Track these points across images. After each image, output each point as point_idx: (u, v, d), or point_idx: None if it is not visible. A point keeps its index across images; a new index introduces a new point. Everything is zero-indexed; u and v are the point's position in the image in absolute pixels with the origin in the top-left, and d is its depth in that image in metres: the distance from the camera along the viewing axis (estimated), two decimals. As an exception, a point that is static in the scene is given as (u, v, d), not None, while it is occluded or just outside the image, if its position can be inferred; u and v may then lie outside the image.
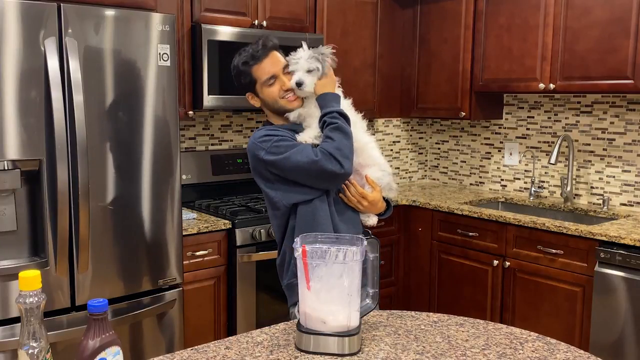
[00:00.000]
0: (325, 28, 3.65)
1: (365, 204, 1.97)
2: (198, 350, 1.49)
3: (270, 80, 1.94)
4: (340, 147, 1.82)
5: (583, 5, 3.23)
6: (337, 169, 1.82)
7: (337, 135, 1.83)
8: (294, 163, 1.84)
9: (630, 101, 3.45)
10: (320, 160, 1.81)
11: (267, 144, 1.87)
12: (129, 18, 2.49)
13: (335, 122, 1.85)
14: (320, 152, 1.82)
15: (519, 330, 1.64)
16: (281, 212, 1.95)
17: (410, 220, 3.86)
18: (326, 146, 1.83)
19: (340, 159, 1.82)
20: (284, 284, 2.02)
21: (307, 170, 1.84)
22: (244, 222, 3.08)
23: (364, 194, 1.96)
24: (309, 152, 1.83)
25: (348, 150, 1.85)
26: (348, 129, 1.87)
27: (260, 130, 1.96)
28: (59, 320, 2.42)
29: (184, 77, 3.13)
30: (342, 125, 1.86)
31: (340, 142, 1.83)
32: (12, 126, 2.25)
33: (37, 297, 1.13)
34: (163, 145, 2.64)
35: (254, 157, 1.92)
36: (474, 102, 3.84)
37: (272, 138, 1.88)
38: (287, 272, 1.99)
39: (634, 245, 2.78)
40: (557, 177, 3.81)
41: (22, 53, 2.25)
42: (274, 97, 1.95)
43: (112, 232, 2.53)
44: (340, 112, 1.88)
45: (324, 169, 1.81)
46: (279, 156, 1.85)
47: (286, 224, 1.96)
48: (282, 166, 1.86)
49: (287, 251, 1.98)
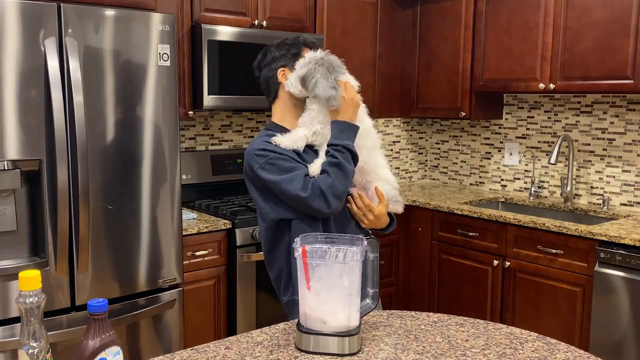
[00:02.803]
0: (325, 28, 3.65)
1: (370, 217, 1.91)
2: (198, 350, 1.49)
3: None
4: (334, 186, 1.75)
5: (583, 5, 3.23)
6: (323, 208, 1.76)
7: (336, 173, 1.76)
8: (282, 191, 1.78)
9: (630, 101, 3.45)
10: (308, 198, 1.74)
11: (262, 159, 1.80)
12: (129, 18, 2.49)
13: (337, 158, 1.76)
14: (311, 186, 1.75)
15: (519, 330, 1.64)
16: (268, 225, 1.89)
17: (410, 220, 3.86)
18: (320, 182, 1.75)
19: (329, 198, 1.75)
20: (283, 300, 1.95)
21: (294, 201, 1.78)
22: (244, 222, 3.08)
23: (370, 207, 1.90)
24: (299, 183, 1.76)
25: (341, 191, 1.78)
26: (349, 168, 1.78)
27: (261, 135, 1.88)
28: (59, 320, 2.42)
29: (184, 77, 3.13)
30: (344, 163, 1.77)
31: (336, 180, 1.75)
32: (12, 126, 2.25)
33: (37, 297, 1.13)
34: (163, 145, 2.64)
35: (249, 165, 1.85)
36: (474, 102, 3.84)
37: (268, 155, 1.79)
38: (286, 289, 1.92)
39: (634, 245, 2.78)
40: (557, 177, 3.81)
41: (22, 53, 2.25)
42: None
43: (112, 232, 2.53)
44: (347, 147, 1.78)
45: (310, 206, 1.76)
46: (270, 176, 1.78)
47: (273, 236, 1.89)
48: (272, 187, 1.81)
49: (284, 267, 1.91)
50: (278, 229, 1.88)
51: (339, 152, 1.77)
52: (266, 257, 1.97)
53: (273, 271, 1.97)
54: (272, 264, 1.96)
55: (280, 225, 1.87)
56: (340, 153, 1.77)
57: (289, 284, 1.91)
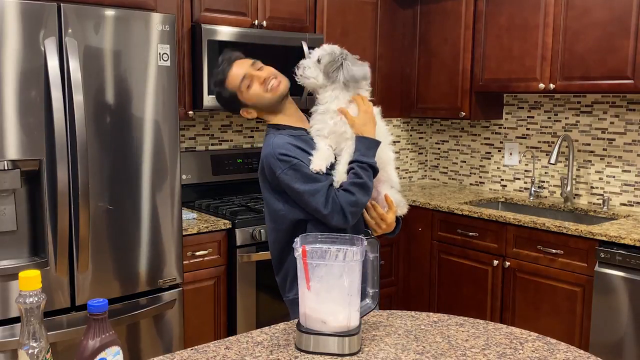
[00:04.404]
0: (325, 28, 3.65)
1: (383, 227, 1.93)
2: (198, 350, 1.49)
3: (244, 82, 1.88)
4: (356, 205, 1.78)
5: (583, 5, 3.23)
6: (341, 224, 1.79)
7: (359, 192, 1.78)
8: (305, 201, 1.80)
9: (630, 101, 3.45)
10: (329, 215, 1.77)
11: (284, 165, 1.80)
12: (129, 18, 2.49)
13: (362, 178, 1.78)
14: (332, 203, 1.77)
15: (519, 330, 1.64)
16: (281, 227, 1.89)
17: (410, 220, 3.85)
18: (342, 199, 1.77)
19: (349, 216, 1.78)
20: (288, 297, 1.95)
21: (314, 211, 1.80)
22: (244, 222, 3.08)
23: (383, 217, 1.92)
24: (322, 197, 1.77)
25: (361, 208, 1.82)
26: (370, 186, 1.81)
27: (275, 136, 1.87)
28: (59, 320, 2.42)
29: (184, 77, 3.13)
30: (368, 182, 1.79)
31: (358, 199, 1.78)
32: (12, 126, 2.25)
33: (37, 297, 1.13)
34: (163, 145, 2.64)
35: (269, 168, 1.84)
36: (474, 102, 3.84)
37: (291, 160, 1.79)
38: (292, 286, 1.92)
39: (634, 245, 2.78)
40: (557, 177, 3.81)
41: (22, 53, 2.25)
42: (259, 94, 1.88)
43: (112, 232, 2.53)
44: (372, 166, 1.81)
45: (329, 221, 1.79)
46: (293, 184, 1.79)
47: (285, 241, 1.89)
48: (292, 194, 1.82)
49: (290, 269, 1.92)
50: (292, 231, 1.87)
51: (364, 170, 1.80)
52: (275, 261, 1.98)
53: (280, 272, 1.97)
54: (281, 265, 1.96)
55: (295, 226, 1.87)
56: (365, 171, 1.79)
57: (295, 282, 1.91)
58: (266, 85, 1.89)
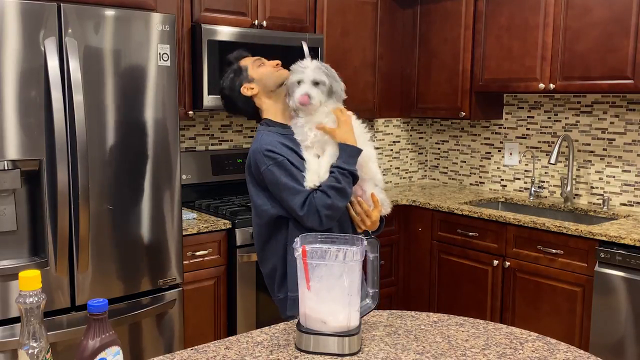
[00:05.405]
0: (325, 28, 3.65)
1: (368, 223, 1.94)
2: (198, 350, 1.49)
3: (256, 61, 2.00)
4: (332, 208, 1.80)
5: (583, 5, 3.23)
6: (316, 226, 1.80)
7: (335, 196, 1.80)
8: (284, 199, 1.83)
9: (630, 101, 3.45)
10: (305, 216, 1.79)
11: (269, 161, 1.83)
12: (129, 18, 2.49)
13: (341, 183, 1.81)
14: (308, 204, 1.80)
15: (519, 330, 1.64)
16: (263, 222, 1.91)
17: (410, 220, 3.86)
18: (319, 201, 1.79)
19: (324, 218, 1.80)
20: (278, 297, 1.96)
21: (291, 210, 1.83)
22: (244, 222, 3.08)
23: (368, 213, 1.93)
24: (300, 199, 1.80)
25: (337, 212, 1.83)
26: (349, 192, 1.84)
27: (265, 133, 1.91)
28: (59, 320, 2.42)
29: (184, 77, 3.13)
30: (346, 188, 1.82)
31: (334, 202, 1.80)
32: (12, 126, 2.25)
33: (37, 297, 1.13)
34: (163, 145, 2.64)
35: (255, 164, 1.88)
36: (474, 102, 3.84)
37: (277, 157, 1.83)
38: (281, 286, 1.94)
39: (634, 245, 2.78)
40: (557, 177, 3.81)
41: (22, 53, 2.25)
42: (269, 71, 1.97)
43: (112, 232, 2.53)
44: (353, 173, 1.84)
45: (304, 222, 1.81)
46: (276, 180, 1.82)
47: (268, 233, 1.92)
48: (274, 190, 1.85)
49: (278, 264, 1.93)
50: (275, 226, 1.91)
51: (344, 176, 1.82)
52: (259, 255, 2.00)
53: (266, 268, 1.99)
54: (265, 261, 1.98)
55: (278, 222, 1.90)
56: (345, 177, 1.82)
57: (284, 281, 1.93)
58: (277, 67, 1.99)
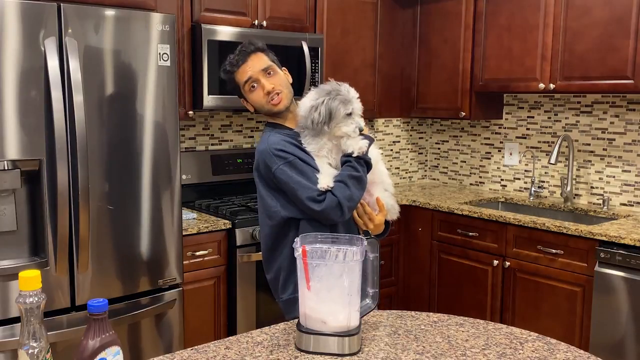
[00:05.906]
0: (325, 28, 3.65)
1: (371, 226, 1.94)
2: (198, 350, 1.49)
3: (248, 83, 1.91)
4: (352, 199, 1.79)
5: (583, 5, 3.23)
6: (337, 218, 1.79)
7: (355, 185, 1.79)
8: (298, 198, 1.80)
9: (630, 101, 3.45)
10: (324, 210, 1.77)
11: (280, 160, 1.82)
12: (129, 18, 2.49)
13: (359, 172, 1.79)
14: (328, 198, 1.77)
15: (519, 330, 1.64)
16: (273, 223, 1.90)
17: (410, 220, 3.86)
18: (338, 193, 1.77)
19: (346, 210, 1.79)
20: (282, 298, 1.95)
21: (306, 208, 1.80)
22: (244, 222, 3.08)
23: (371, 216, 1.92)
24: (314, 192, 1.78)
25: (356, 202, 1.82)
26: (366, 181, 1.83)
27: (272, 134, 1.90)
28: (59, 320, 2.42)
29: (184, 77, 3.13)
30: (362, 176, 1.81)
31: (353, 193, 1.79)
32: (12, 126, 2.25)
33: (37, 297, 1.13)
34: (163, 145, 2.64)
35: (264, 164, 1.86)
36: (474, 102, 3.84)
37: (287, 157, 1.82)
38: (286, 286, 1.93)
39: (634, 245, 2.78)
40: (557, 177, 3.81)
41: (22, 53, 2.25)
42: (260, 102, 1.92)
43: (112, 232, 2.53)
44: (367, 161, 1.83)
45: (324, 216, 1.79)
46: (288, 179, 1.80)
47: (278, 234, 1.91)
48: (287, 189, 1.83)
49: (285, 265, 1.92)
50: (285, 227, 1.89)
51: (360, 165, 1.81)
52: (266, 256, 1.98)
53: (272, 269, 1.97)
54: (272, 262, 1.97)
55: (288, 223, 1.89)
56: (361, 166, 1.81)
57: (289, 282, 1.92)
58: (268, 97, 1.91)
